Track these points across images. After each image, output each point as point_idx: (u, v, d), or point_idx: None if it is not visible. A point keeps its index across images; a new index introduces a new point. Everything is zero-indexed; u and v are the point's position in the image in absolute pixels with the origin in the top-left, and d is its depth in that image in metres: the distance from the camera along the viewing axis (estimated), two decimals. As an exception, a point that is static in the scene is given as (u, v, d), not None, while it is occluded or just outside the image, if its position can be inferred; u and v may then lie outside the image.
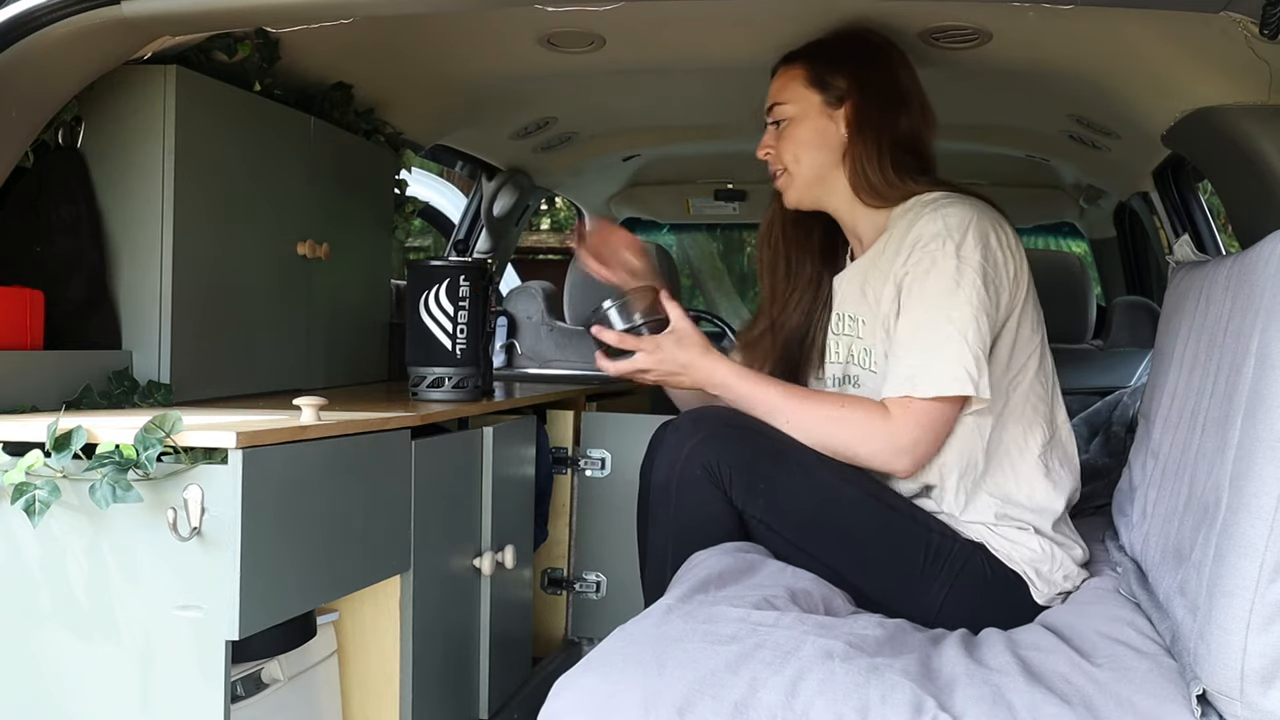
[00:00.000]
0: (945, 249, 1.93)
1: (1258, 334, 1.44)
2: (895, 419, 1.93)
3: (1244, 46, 1.90)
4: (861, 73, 2.15)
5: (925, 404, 1.90)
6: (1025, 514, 1.99)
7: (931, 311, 1.92)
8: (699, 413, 2.04)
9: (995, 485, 2.00)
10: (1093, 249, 4.92)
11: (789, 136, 2.17)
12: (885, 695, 1.47)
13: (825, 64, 2.17)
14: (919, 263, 1.95)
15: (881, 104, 2.14)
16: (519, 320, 3.99)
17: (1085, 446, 2.97)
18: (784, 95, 2.19)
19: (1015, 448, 2.02)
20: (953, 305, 1.90)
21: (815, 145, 2.15)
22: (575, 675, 1.57)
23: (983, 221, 1.99)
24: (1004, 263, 1.98)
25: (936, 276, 1.93)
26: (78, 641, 1.52)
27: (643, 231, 5.13)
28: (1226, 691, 1.39)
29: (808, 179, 2.17)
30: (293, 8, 1.87)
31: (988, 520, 1.98)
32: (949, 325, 1.90)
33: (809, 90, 2.17)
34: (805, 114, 2.16)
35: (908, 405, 1.91)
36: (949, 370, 1.88)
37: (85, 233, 1.98)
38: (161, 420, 1.46)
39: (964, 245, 1.94)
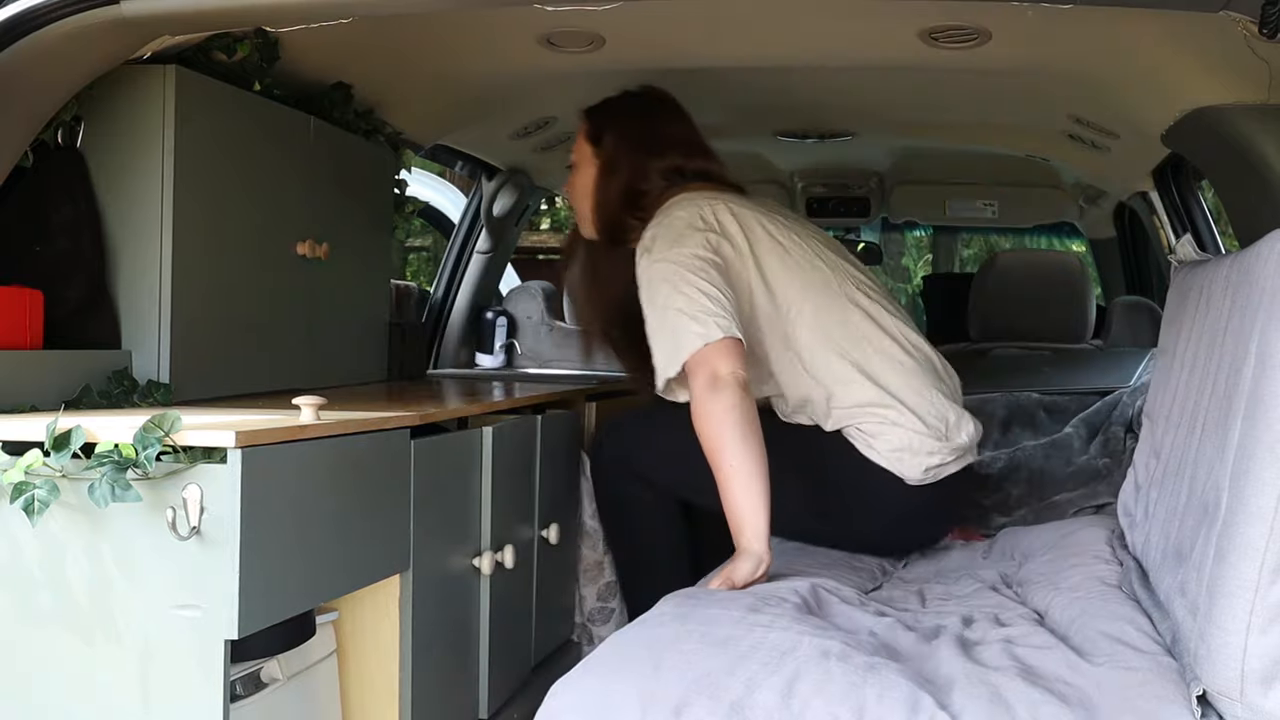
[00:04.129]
0: (643, 263, 2.30)
1: (1257, 333, 1.44)
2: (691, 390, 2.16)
3: (1243, 46, 1.90)
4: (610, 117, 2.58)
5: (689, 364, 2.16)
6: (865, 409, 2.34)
7: (650, 311, 2.25)
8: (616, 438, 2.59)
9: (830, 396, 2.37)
10: (1092, 249, 4.92)
11: (574, 179, 2.60)
12: (882, 694, 1.47)
13: (589, 114, 2.60)
14: (639, 284, 2.30)
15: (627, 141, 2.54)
16: (519, 320, 3.99)
17: (1085, 447, 2.97)
18: (574, 144, 2.62)
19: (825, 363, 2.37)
20: (658, 295, 2.23)
21: (588, 184, 2.55)
22: (573, 677, 1.57)
23: (676, 217, 2.35)
24: (707, 232, 2.32)
25: (645, 286, 2.28)
26: (77, 641, 1.52)
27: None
28: (1226, 692, 1.39)
29: (589, 214, 2.58)
30: (292, 7, 1.87)
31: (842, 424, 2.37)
32: (665, 311, 2.21)
33: (582, 138, 2.59)
34: (581, 158, 2.59)
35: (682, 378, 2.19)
36: (682, 340, 2.17)
37: (85, 232, 1.98)
38: (160, 420, 1.46)
39: (653, 251, 2.29)
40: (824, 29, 2.46)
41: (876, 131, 3.65)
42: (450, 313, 3.94)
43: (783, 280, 2.38)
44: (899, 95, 2.96)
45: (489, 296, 4.05)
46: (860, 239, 4.98)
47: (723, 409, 2.09)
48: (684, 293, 2.20)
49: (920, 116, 3.35)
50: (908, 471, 2.34)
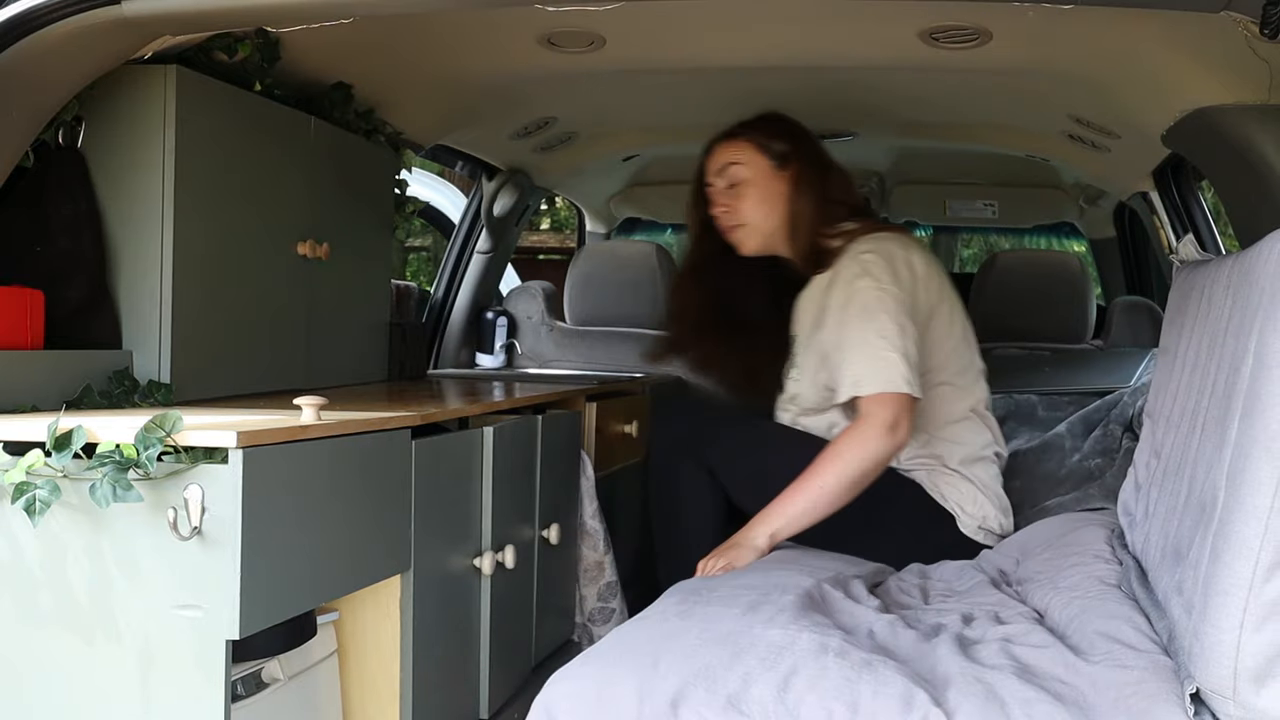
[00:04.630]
0: (866, 284, 2.44)
1: (1256, 333, 1.44)
2: (873, 411, 2.38)
3: (1244, 46, 1.90)
4: (797, 143, 2.67)
5: (891, 395, 2.36)
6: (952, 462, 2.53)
7: (865, 332, 2.40)
8: (685, 418, 2.67)
9: (926, 441, 2.53)
10: (1092, 249, 4.92)
11: (745, 195, 2.64)
12: (877, 690, 1.47)
13: (766, 134, 2.67)
14: (850, 298, 2.44)
15: (817, 167, 2.67)
16: (519, 320, 3.99)
17: (1078, 445, 2.96)
18: (738, 158, 2.66)
19: (945, 412, 2.54)
20: (879, 324, 2.39)
21: (769, 200, 2.63)
22: (571, 668, 1.58)
23: (895, 256, 2.49)
24: (914, 284, 2.48)
25: (861, 305, 2.42)
26: (78, 641, 1.52)
27: (643, 231, 5.14)
28: (1220, 690, 1.39)
29: (767, 228, 2.65)
30: (293, 7, 1.87)
31: (923, 465, 2.53)
32: (880, 339, 2.39)
33: (758, 154, 2.65)
34: (758, 174, 2.64)
35: (879, 397, 2.37)
36: (887, 373, 2.37)
37: (85, 232, 1.98)
38: (162, 420, 1.46)
39: (881, 280, 2.43)
40: (824, 29, 2.46)
41: (876, 131, 3.65)
42: (450, 313, 3.94)
43: (953, 345, 2.58)
44: (899, 95, 2.96)
45: (489, 296, 4.05)
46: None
47: (879, 458, 2.35)
48: (902, 336, 2.39)
49: (920, 116, 3.35)
50: (965, 521, 2.53)
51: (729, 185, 2.66)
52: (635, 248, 4.03)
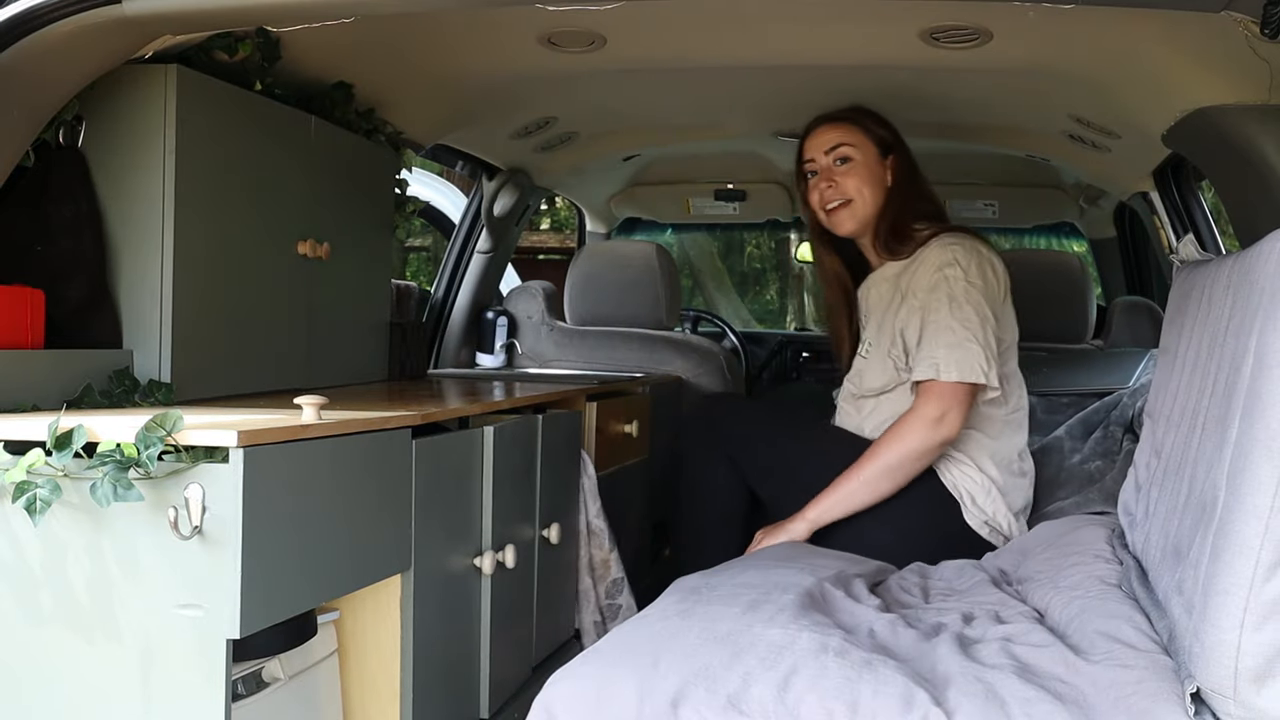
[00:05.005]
0: (955, 273, 2.54)
1: (1256, 333, 1.44)
2: (920, 403, 2.51)
3: (1244, 46, 1.90)
4: (897, 136, 2.78)
5: (949, 385, 2.49)
6: (976, 457, 2.60)
7: (949, 318, 2.51)
8: (711, 408, 2.88)
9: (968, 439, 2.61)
10: (1093, 249, 4.92)
11: (854, 174, 2.71)
12: (876, 690, 1.47)
13: (873, 121, 2.77)
14: (936, 285, 2.55)
15: (911, 161, 2.79)
16: (519, 320, 3.99)
17: (1078, 447, 2.96)
18: (849, 139, 2.74)
19: (986, 412, 2.62)
20: (964, 314, 2.51)
21: (873, 184, 2.71)
22: (572, 667, 1.58)
23: (981, 255, 2.60)
24: (996, 285, 2.61)
25: (949, 293, 2.53)
26: (79, 640, 1.52)
27: (643, 232, 5.14)
28: (1220, 690, 1.39)
29: (867, 211, 2.72)
30: (293, 7, 1.87)
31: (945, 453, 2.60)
32: (964, 329, 2.50)
33: (866, 139, 2.74)
34: (866, 158, 2.73)
35: (933, 387, 2.50)
36: (969, 361, 2.48)
37: (86, 232, 1.98)
38: (162, 419, 1.46)
39: (970, 272, 2.55)
40: (824, 29, 2.46)
41: (877, 131, 3.64)
42: (451, 313, 3.94)
43: (1007, 348, 2.65)
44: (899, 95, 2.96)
45: (489, 296, 4.05)
46: (860, 239, 4.97)
47: (921, 449, 2.49)
48: (985, 328, 2.51)
49: (920, 116, 3.35)
50: (970, 511, 2.60)
51: (838, 161, 2.73)
52: (635, 248, 4.03)
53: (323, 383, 2.53)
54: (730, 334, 4.68)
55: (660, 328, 3.88)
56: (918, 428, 2.48)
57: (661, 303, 3.88)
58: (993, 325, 2.53)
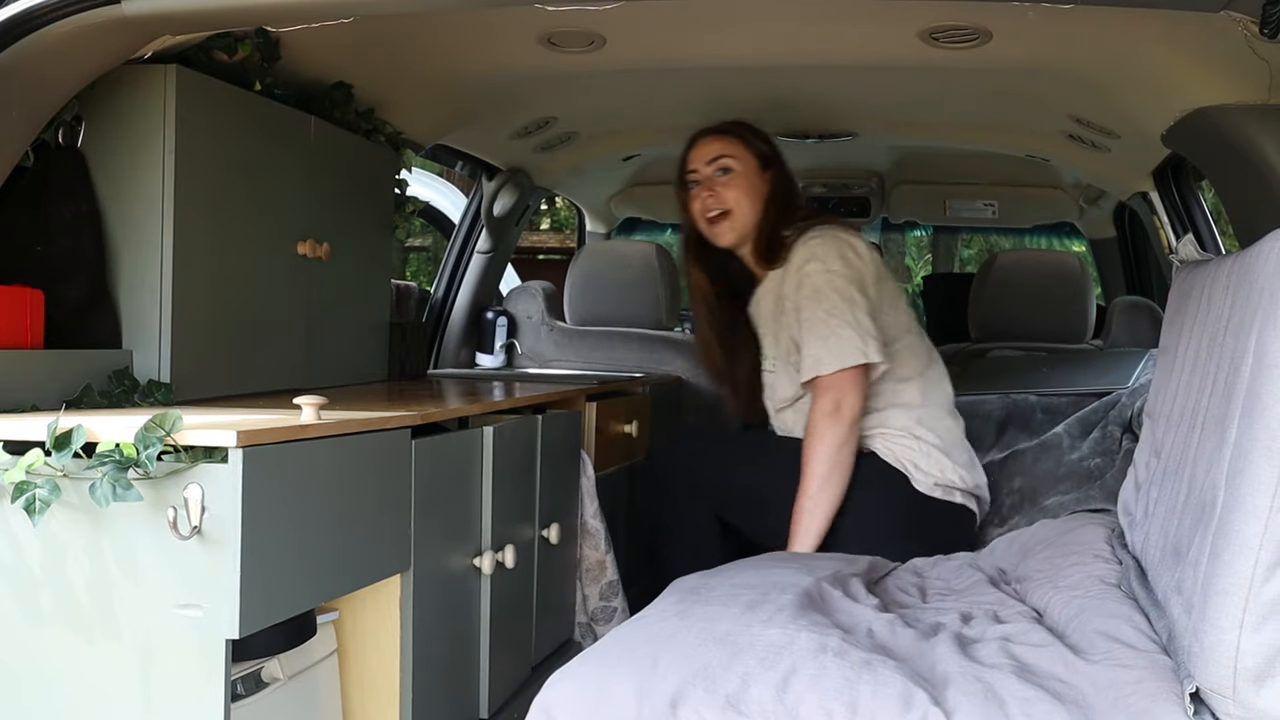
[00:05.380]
0: (814, 267, 2.63)
1: (1255, 332, 1.44)
2: (815, 402, 2.58)
3: (1244, 46, 1.90)
4: (775, 150, 2.87)
5: (832, 376, 2.56)
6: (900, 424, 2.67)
7: (816, 312, 2.58)
8: (669, 451, 2.92)
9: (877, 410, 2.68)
10: (1092, 249, 4.92)
11: (734, 185, 2.78)
12: (876, 690, 1.47)
13: (753, 135, 2.84)
14: (800, 283, 2.64)
15: (788, 175, 2.87)
16: (519, 320, 3.99)
17: (1076, 445, 2.96)
18: (730, 151, 2.81)
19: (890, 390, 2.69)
20: (830, 303, 2.58)
21: (753, 195, 2.78)
22: (571, 668, 1.58)
23: (839, 240, 2.67)
24: (860, 264, 2.66)
25: (813, 287, 2.61)
26: (78, 640, 1.52)
27: (643, 232, 5.14)
28: (1220, 690, 1.39)
29: (746, 221, 2.79)
30: (293, 7, 1.87)
31: (877, 432, 2.69)
32: (831, 318, 2.57)
33: (747, 152, 2.81)
34: (747, 170, 2.79)
35: (819, 382, 2.58)
36: (843, 347, 2.55)
37: (85, 232, 1.98)
38: (161, 419, 1.46)
39: (828, 261, 2.63)
40: (824, 29, 2.46)
41: (876, 131, 3.65)
42: (450, 313, 3.94)
43: (892, 318, 2.72)
44: (899, 95, 2.96)
45: (489, 296, 4.05)
46: (860, 239, 4.97)
47: (835, 442, 2.54)
48: (852, 310, 2.58)
49: (920, 116, 3.35)
50: (918, 477, 2.65)
51: (719, 172, 2.80)
52: (635, 248, 4.03)
53: (322, 383, 2.53)
54: None
55: (660, 328, 3.88)
56: (821, 425, 2.55)
57: (661, 303, 3.88)
58: (863, 304, 2.59)
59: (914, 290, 10.45)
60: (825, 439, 2.54)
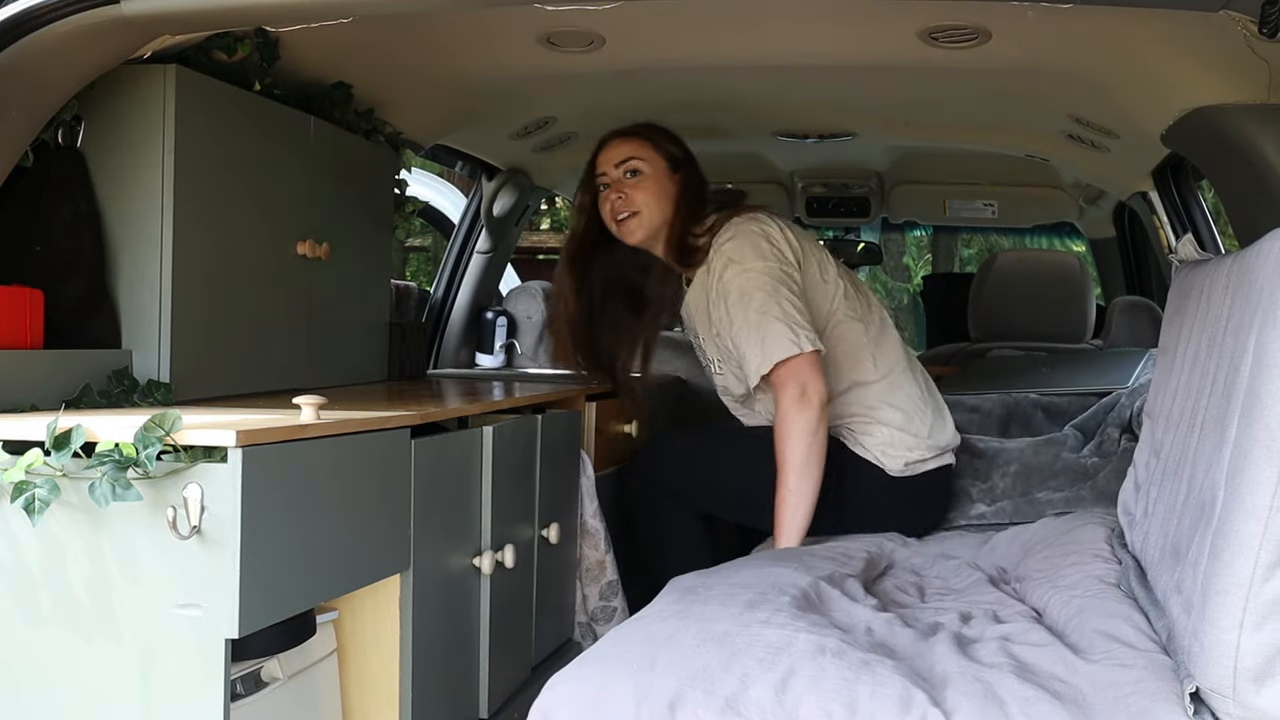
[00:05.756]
0: (731, 271, 2.61)
1: (1255, 332, 1.44)
2: (777, 394, 2.55)
3: (1243, 46, 1.90)
4: (687, 153, 2.86)
5: (785, 366, 2.52)
6: (861, 407, 2.67)
7: (747, 314, 2.56)
8: (643, 460, 2.91)
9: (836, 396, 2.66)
10: (1092, 249, 4.92)
11: (643, 187, 2.77)
12: (875, 691, 1.47)
13: (664, 138, 2.83)
14: (725, 290, 2.62)
15: (699, 177, 2.85)
16: (519, 320, 3.99)
17: (1079, 446, 2.97)
18: (639, 154, 2.80)
19: (848, 367, 2.69)
20: (755, 302, 2.55)
21: (661, 196, 2.77)
22: (569, 671, 1.58)
23: (750, 234, 2.64)
24: (775, 251, 2.62)
25: (738, 290, 2.58)
26: (78, 640, 1.52)
27: (643, 231, 5.12)
28: (1220, 689, 1.39)
29: (655, 221, 2.77)
30: (293, 7, 1.87)
31: (840, 421, 2.69)
32: (759, 315, 2.54)
33: (657, 154, 2.80)
34: (656, 172, 2.78)
35: (774, 376, 2.54)
36: (776, 342, 2.52)
37: (85, 232, 1.98)
38: (161, 419, 1.46)
39: (744, 261, 2.60)
40: (824, 29, 2.46)
41: (876, 131, 3.65)
42: (450, 313, 3.94)
43: (822, 292, 2.70)
44: (899, 95, 2.96)
45: (489, 296, 4.05)
46: (860, 239, 4.98)
47: (808, 429, 2.50)
48: (779, 303, 2.54)
49: (920, 116, 3.35)
50: (890, 464, 2.65)
51: (628, 174, 2.80)
52: (635, 247, 4.02)
53: (322, 383, 2.53)
54: None
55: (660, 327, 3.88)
56: (790, 414, 2.51)
57: (661, 302, 3.87)
58: (786, 294, 2.55)
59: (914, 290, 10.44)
60: (796, 427, 2.51)
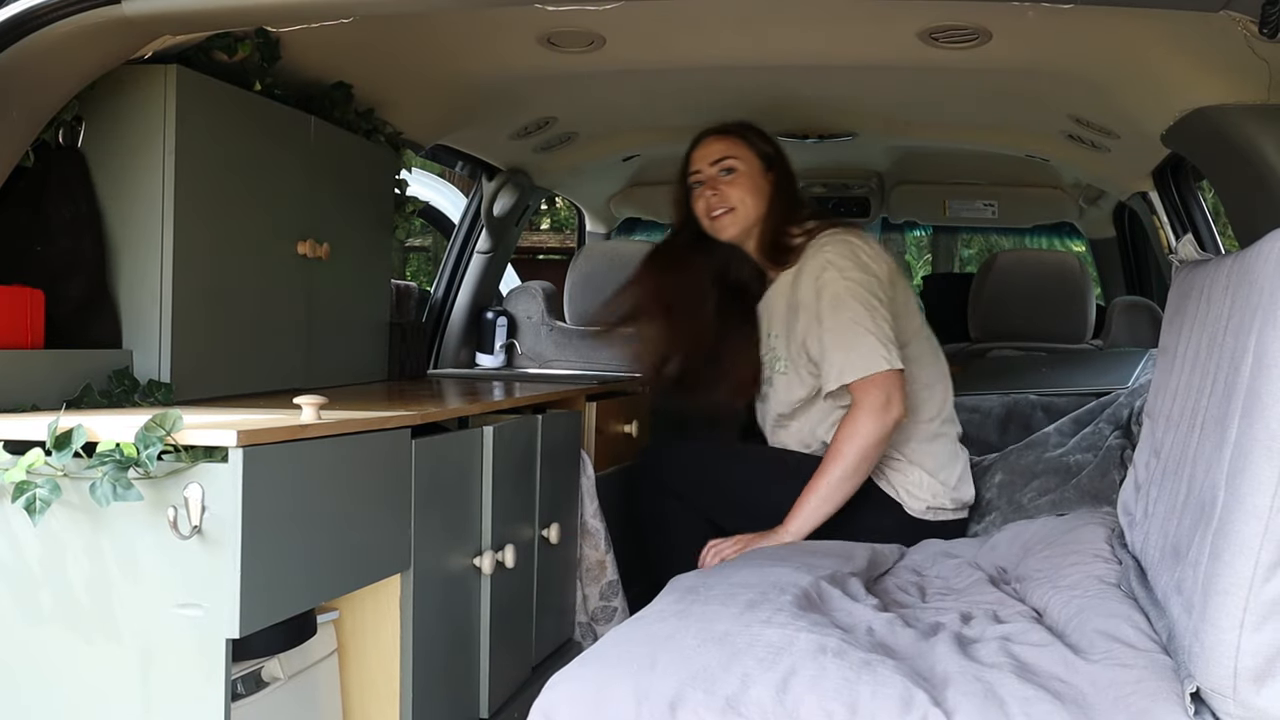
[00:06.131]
0: (831, 275, 2.63)
1: (1255, 332, 1.44)
2: (861, 397, 2.57)
3: (1243, 46, 1.90)
4: (779, 152, 2.90)
5: (878, 375, 2.56)
6: (899, 448, 2.69)
7: (839, 320, 2.59)
8: (654, 460, 2.92)
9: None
10: (1092, 249, 4.92)
11: (737, 184, 2.81)
12: (875, 690, 1.47)
13: (757, 137, 2.87)
14: (818, 292, 2.64)
15: (790, 176, 2.89)
16: (519, 320, 3.99)
17: (1064, 441, 2.96)
18: (734, 152, 2.84)
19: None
20: (852, 311, 2.59)
21: (755, 194, 2.81)
22: (570, 670, 1.58)
23: (853, 245, 2.68)
24: (877, 269, 2.67)
25: (832, 295, 2.61)
26: (78, 640, 1.52)
27: (643, 231, 5.14)
28: (1220, 689, 1.39)
29: (749, 218, 2.80)
30: (293, 7, 1.87)
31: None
32: (854, 325, 2.58)
33: (751, 153, 2.84)
34: (750, 170, 2.82)
35: (863, 383, 2.57)
36: (867, 356, 2.56)
37: (86, 232, 1.98)
38: (162, 419, 1.46)
39: (845, 269, 2.63)
40: (824, 29, 2.46)
41: (876, 131, 3.65)
42: (450, 313, 3.94)
43: (906, 322, 2.74)
44: (899, 95, 2.96)
45: (489, 296, 4.05)
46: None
47: (877, 436, 2.56)
48: (873, 316, 2.59)
49: (920, 116, 3.35)
50: (911, 504, 2.69)
51: (723, 172, 2.83)
52: (635, 248, 4.03)
53: (322, 383, 2.53)
54: None
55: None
56: (868, 417, 2.55)
57: (661, 303, 3.87)
58: (882, 312, 2.60)
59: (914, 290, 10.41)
60: (866, 428, 2.55)
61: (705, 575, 2.04)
